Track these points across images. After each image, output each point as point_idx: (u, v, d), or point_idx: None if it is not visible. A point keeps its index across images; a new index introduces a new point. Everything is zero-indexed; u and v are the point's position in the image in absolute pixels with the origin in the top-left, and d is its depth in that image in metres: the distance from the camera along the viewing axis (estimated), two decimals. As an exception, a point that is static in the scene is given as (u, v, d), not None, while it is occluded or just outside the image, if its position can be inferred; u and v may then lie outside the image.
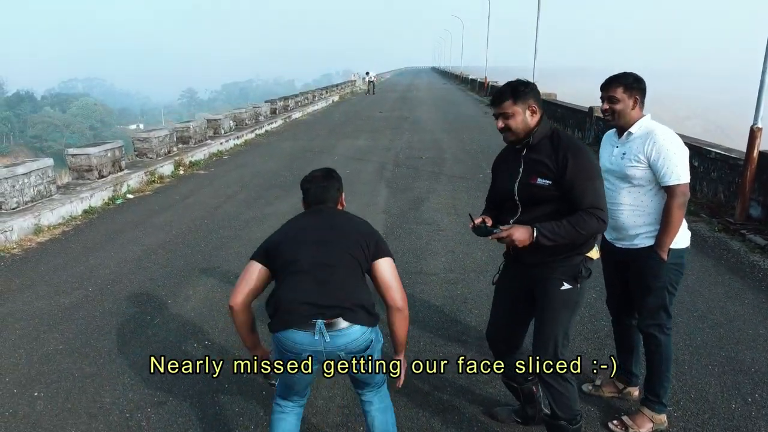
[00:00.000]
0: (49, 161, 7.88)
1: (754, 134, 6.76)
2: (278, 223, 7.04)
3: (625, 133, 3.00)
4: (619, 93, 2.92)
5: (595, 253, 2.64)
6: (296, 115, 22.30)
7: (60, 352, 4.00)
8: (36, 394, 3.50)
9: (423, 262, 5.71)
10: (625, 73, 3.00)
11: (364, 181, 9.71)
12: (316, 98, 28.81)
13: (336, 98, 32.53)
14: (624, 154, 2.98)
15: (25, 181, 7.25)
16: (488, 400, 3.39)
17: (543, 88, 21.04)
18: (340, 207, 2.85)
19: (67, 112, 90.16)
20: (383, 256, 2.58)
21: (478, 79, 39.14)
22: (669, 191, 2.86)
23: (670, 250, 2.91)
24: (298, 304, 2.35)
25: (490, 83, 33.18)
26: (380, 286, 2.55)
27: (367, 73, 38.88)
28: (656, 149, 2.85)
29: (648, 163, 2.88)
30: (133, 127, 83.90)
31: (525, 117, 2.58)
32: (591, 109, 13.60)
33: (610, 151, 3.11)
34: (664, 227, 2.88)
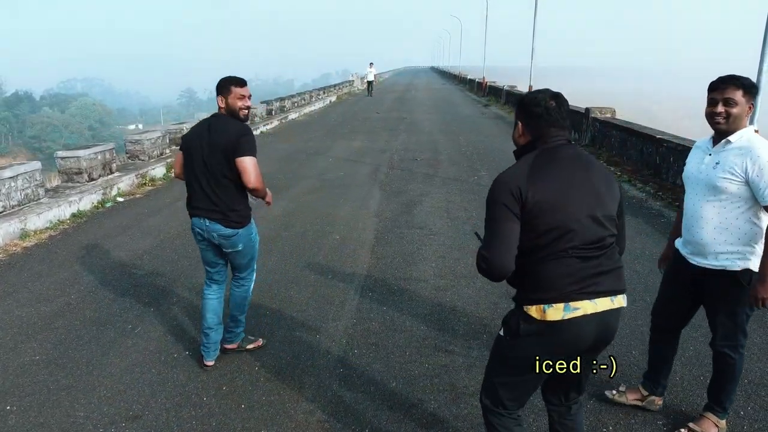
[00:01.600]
0: (37, 164, 7.78)
1: (750, 137, 6.66)
2: (268, 227, 7.05)
3: (723, 141, 2.74)
4: (739, 96, 2.64)
5: (535, 311, 2.11)
6: (293, 115, 22.21)
7: (36, 363, 3.90)
8: (8, 407, 3.40)
9: (413, 268, 5.62)
10: (741, 76, 2.71)
11: (357, 184, 9.62)
12: (314, 99, 28.71)
13: (333, 99, 32.43)
14: (717, 163, 2.73)
15: (12, 184, 7.15)
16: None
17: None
18: (221, 108, 3.57)
19: (66, 113, 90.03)
20: (242, 155, 3.43)
21: (477, 79, 39.07)
22: None
23: (753, 272, 2.71)
24: (195, 206, 3.63)
25: (488, 83, 33.07)
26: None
27: (371, 65, 34.34)
28: (759, 164, 2.59)
29: (745, 178, 2.63)
30: (132, 127, 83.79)
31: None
32: (588, 110, 13.51)
33: (700, 159, 2.86)
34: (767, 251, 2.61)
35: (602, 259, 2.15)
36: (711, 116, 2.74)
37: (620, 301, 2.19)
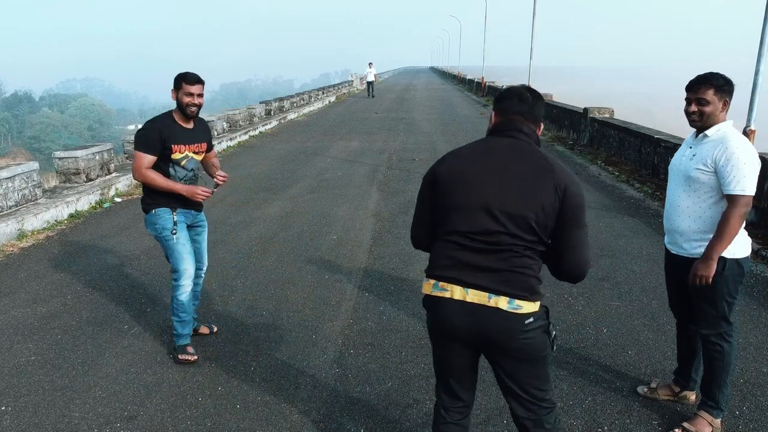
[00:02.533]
0: (35, 165, 7.77)
1: (747, 136, 6.66)
2: (265, 228, 7.05)
3: (701, 135, 2.90)
4: (710, 95, 2.80)
5: (425, 286, 2.31)
6: (291, 116, 22.21)
7: (32, 364, 3.90)
8: (3, 408, 3.40)
9: (410, 268, 5.61)
10: (714, 73, 2.84)
11: (355, 184, 9.62)
12: (313, 99, 28.70)
13: (333, 99, 32.43)
14: (694, 155, 2.90)
15: (9, 185, 7.14)
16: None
17: (540, 88, 21.09)
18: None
19: (66, 113, 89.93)
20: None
21: (476, 80, 39.06)
22: (730, 200, 2.76)
23: (727, 260, 2.84)
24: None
25: (488, 83, 33.08)
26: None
27: (370, 65, 32.35)
28: (726, 155, 2.75)
29: (715, 168, 2.79)
30: (132, 127, 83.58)
31: None
32: (586, 110, 13.51)
33: (683, 152, 3.03)
34: (718, 235, 2.78)
35: (489, 255, 2.08)
36: (687, 114, 2.92)
37: (500, 302, 2.05)
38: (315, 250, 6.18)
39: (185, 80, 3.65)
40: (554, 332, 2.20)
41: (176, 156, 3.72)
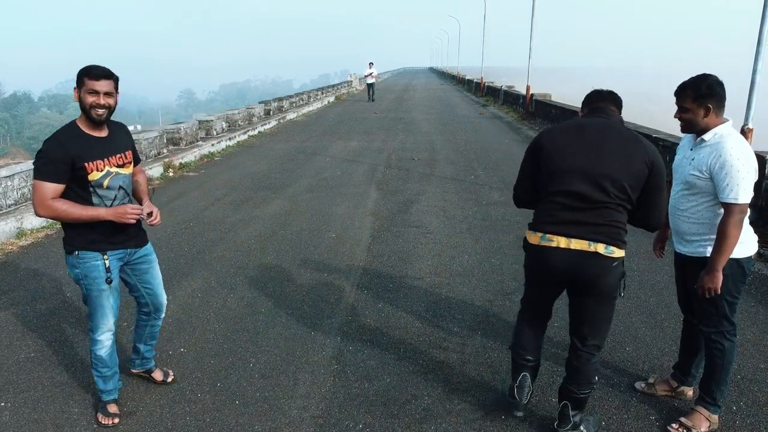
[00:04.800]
0: (34, 164, 7.78)
1: (745, 135, 6.69)
2: (264, 226, 7.06)
3: (699, 139, 2.90)
4: (688, 103, 2.82)
5: (528, 234, 2.85)
6: (291, 116, 22.22)
7: (32, 360, 3.91)
8: (3, 404, 3.41)
9: (408, 266, 5.63)
10: (698, 79, 2.83)
11: (354, 183, 9.63)
12: (312, 99, 28.72)
13: (332, 99, 32.43)
14: (692, 159, 2.90)
15: (9, 183, 7.15)
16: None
17: (539, 89, 20.92)
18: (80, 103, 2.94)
19: (65, 113, 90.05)
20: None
21: (475, 80, 39.07)
22: (725, 208, 2.77)
23: (730, 259, 2.83)
24: None
25: (487, 84, 33.09)
26: None
27: (371, 65, 29.00)
28: (720, 162, 2.74)
29: (710, 175, 2.78)
30: (131, 128, 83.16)
31: None
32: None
33: (684, 152, 3.02)
34: (718, 245, 2.78)
35: (588, 211, 2.63)
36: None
37: (599, 248, 2.62)
38: (314, 248, 6.19)
39: (88, 75, 2.84)
40: (625, 278, 2.76)
41: (94, 176, 2.90)
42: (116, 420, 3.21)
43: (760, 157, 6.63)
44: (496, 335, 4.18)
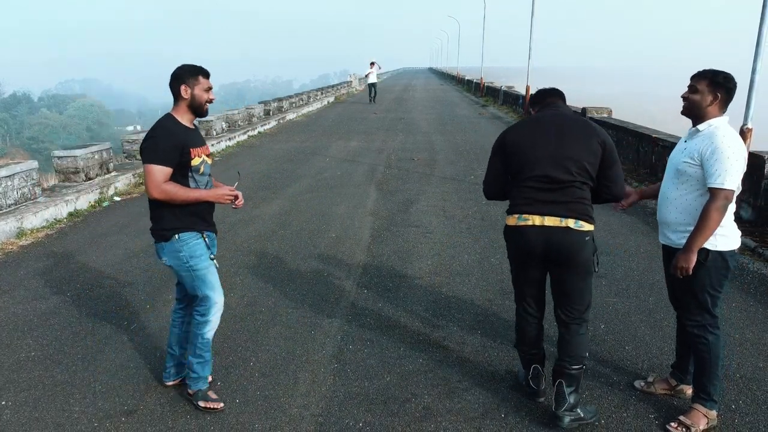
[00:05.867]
0: (34, 163, 7.79)
1: (744, 135, 6.70)
2: (264, 226, 7.07)
3: (694, 129, 2.99)
4: (702, 85, 2.90)
5: (510, 220, 3.08)
6: (290, 116, 22.22)
7: (32, 359, 3.92)
8: (3, 402, 3.41)
9: (408, 265, 5.63)
10: (717, 70, 2.95)
11: (354, 183, 9.64)
12: (311, 99, 28.71)
13: (331, 99, 32.44)
14: (685, 148, 2.98)
15: (9, 183, 7.15)
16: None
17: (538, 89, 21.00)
18: (183, 100, 3.16)
19: (64, 114, 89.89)
20: (143, 163, 3.06)
21: (475, 80, 39.07)
22: (711, 192, 2.83)
23: (710, 251, 2.90)
24: None
25: (486, 84, 33.10)
26: None
27: (372, 64, 28.02)
28: (711, 149, 2.82)
29: (701, 161, 2.86)
30: (131, 128, 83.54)
31: None
32: (584, 110, 13.54)
33: (678, 146, 3.10)
34: (697, 227, 2.85)
35: (557, 192, 2.94)
36: (683, 99, 3.03)
37: (569, 222, 2.92)
38: (314, 247, 6.20)
39: (203, 73, 3.16)
40: (597, 253, 3.05)
41: (195, 162, 3.13)
42: (222, 404, 3.31)
43: (759, 157, 6.65)
44: (495, 334, 4.19)
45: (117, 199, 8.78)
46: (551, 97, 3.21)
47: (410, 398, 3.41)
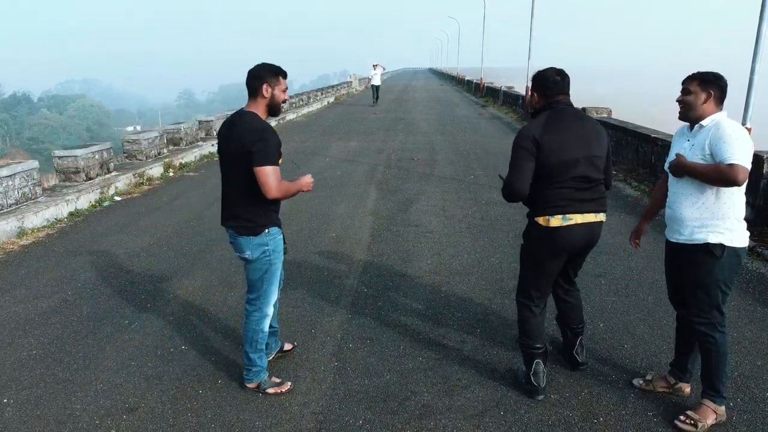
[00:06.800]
0: (35, 163, 7.81)
1: (743, 135, 6.72)
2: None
3: (696, 126, 3.02)
4: (694, 86, 2.98)
5: (543, 220, 3.13)
6: (290, 116, 22.24)
7: (33, 358, 3.93)
8: (5, 400, 3.43)
9: (408, 265, 5.65)
10: (707, 71, 3.03)
11: (354, 183, 9.66)
12: (311, 100, 28.72)
13: (331, 99, 32.46)
14: (693, 146, 3.00)
15: (10, 183, 7.17)
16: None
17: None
18: (263, 98, 3.21)
19: (64, 114, 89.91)
20: (257, 166, 3.06)
21: (474, 80, 39.09)
22: (727, 168, 2.79)
23: (727, 247, 2.93)
24: (222, 209, 3.37)
25: (486, 84, 33.12)
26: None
27: (375, 66, 27.70)
28: (718, 134, 2.86)
29: (711, 150, 2.88)
30: (131, 128, 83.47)
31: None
32: (584, 110, 13.56)
33: (681, 144, 3.12)
34: (709, 166, 2.87)
35: (589, 190, 3.15)
36: (678, 104, 3.09)
37: (602, 216, 3.23)
38: (314, 247, 6.22)
39: (283, 74, 3.23)
40: None
41: (280, 161, 3.25)
42: (289, 383, 3.51)
43: (758, 157, 6.66)
44: (494, 333, 4.21)
45: (117, 198, 8.80)
46: (563, 93, 3.20)
47: (410, 396, 3.43)
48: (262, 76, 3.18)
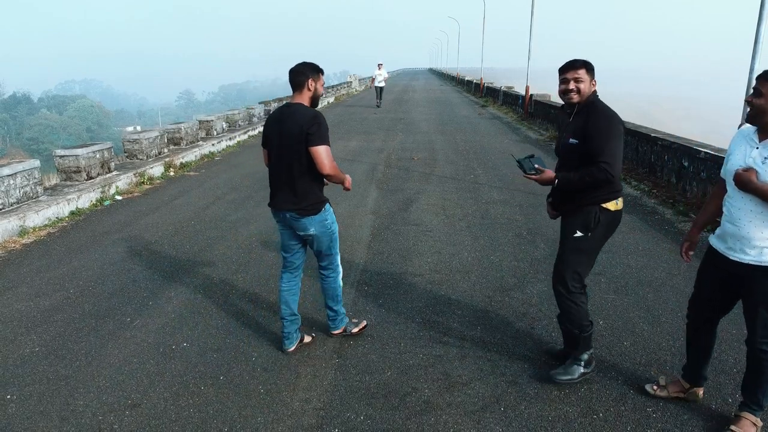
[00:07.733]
0: (36, 162, 7.83)
1: (742, 134, 6.73)
2: (266, 225, 7.10)
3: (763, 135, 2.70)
4: (767, 87, 2.65)
5: (612, 205, 3.25)
6: (291, 116, 22.23)
7: (36, 355, 3.96)
8: (9, 396, 3.45)
9: (408, 263, 5.67)
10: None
11: (354, 182, 9.59)
12: (312, 100, 28.70)
13: (331, 100, 32.49)
14: (766, 158, 2.67)
15: (11, 182, 7.19)
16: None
17: (538, 89, 20.95)
18: (308, 92, 3.60)
19: (64, 114, 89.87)
20: (314, 145, 3.47)
21: (474, 81, 39.11)
22: None
23: None
24: (274, 196, 3.78)
25: (486, 85, 33.15)
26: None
27: (380, 66, 26.48)
28: None
29: None
30: (130, 128, 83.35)
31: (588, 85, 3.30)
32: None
33: (745, 151, 2.78)
34: None
35: None
36: (748, 103, 2.77)
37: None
38: (315, 245, 6.23)
39: (322, 72, 3.69)
40: None
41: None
42: (365, 321, 4.27)
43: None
44: (495, 330, 4.23)
45: (118, 198, 8.82)
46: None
47: (410, 392, 3.45)
48: (307, 72, 3.58)
